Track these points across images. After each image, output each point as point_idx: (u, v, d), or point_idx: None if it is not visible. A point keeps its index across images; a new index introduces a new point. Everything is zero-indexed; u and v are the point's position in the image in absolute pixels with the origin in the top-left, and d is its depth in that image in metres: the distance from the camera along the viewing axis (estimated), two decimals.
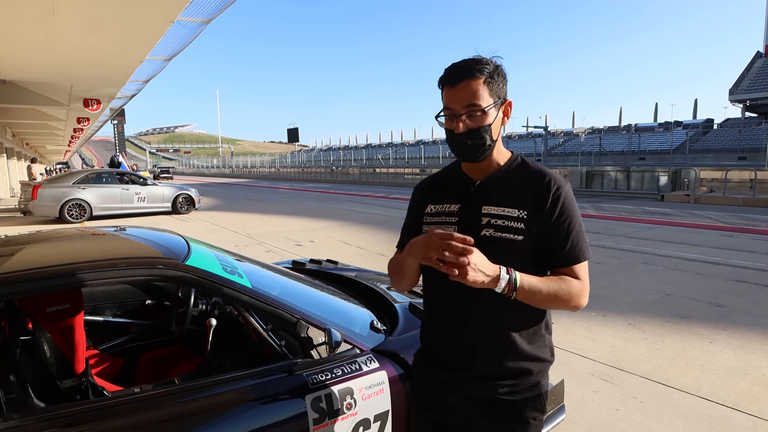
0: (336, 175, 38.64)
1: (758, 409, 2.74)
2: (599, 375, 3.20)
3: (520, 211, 1.16)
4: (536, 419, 1.23)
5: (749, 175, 17.12)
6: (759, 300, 4.77)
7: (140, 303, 2.63)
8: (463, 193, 1.24)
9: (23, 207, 12.11)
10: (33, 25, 6.74)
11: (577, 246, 1.17)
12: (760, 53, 40.34)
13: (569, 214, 1.17)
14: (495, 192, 1.20)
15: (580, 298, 1.16)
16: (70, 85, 11.47)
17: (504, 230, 1.15)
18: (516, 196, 1.18)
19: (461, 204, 1.23)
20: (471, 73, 1.12)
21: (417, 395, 1.39)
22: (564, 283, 1.14)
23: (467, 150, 1.17)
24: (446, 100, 1.15)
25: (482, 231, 1.17)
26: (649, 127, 42.86)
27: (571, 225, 1.17)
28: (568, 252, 1.16)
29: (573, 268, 1.17)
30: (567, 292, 1.13)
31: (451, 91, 1.13)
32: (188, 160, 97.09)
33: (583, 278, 1.17)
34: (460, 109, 1.13)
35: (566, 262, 1.17)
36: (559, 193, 1.16)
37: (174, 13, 6.35)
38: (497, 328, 1.20)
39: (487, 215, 1.18)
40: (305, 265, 2.99)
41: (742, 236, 8.61)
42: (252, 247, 8.05)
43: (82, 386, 1.79)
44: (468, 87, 1.12)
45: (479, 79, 1.11)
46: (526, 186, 1.18)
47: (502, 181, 1.21)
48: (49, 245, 1.99)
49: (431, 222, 1.27)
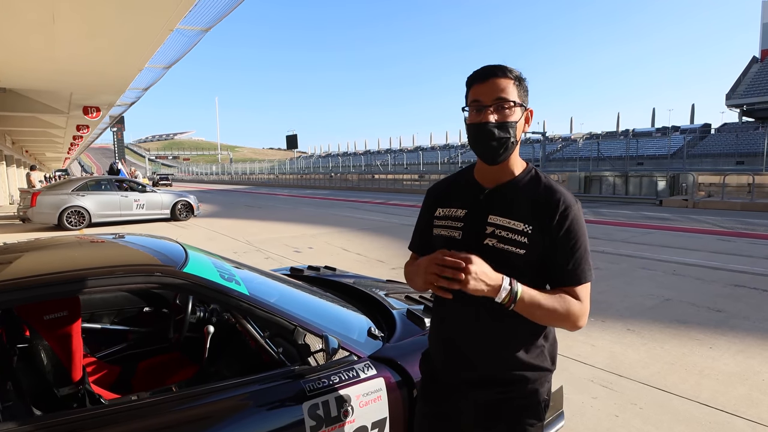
0: (335, 182, 38.69)
1: (758, 414, 2.73)
2: (598, 381, 3.19)
3: (525, 225, 1.16)
4: (533, 426, 1.23)
5: (747, 179, 17.15)
6: (758, 305, 4.77)
7: (138, 310, 2.63)
8: (472, 199, 1.25)
9: (22, 214, 12.09)
10: (32, 33, 6.77)
11: (579, 267, 1.16)
12: (756, 58, 40.59)
13: (575, 234, 1.16)
14: (503, 202, 1.20)
15: (578, 319, 1.15)
16: (70, 92, 11.50)
17: (507, 242, 1.16)
18: (524, 209, 1.18)
19: (468, 210, 1.24)
20: (502, 72, 1.15)
21: (422, 395, 1.40)
22: (564, 302, 1.14)
23: (491, 143, 1.16)
24: (474, 94, 1.16)
25: (485, 240, 1.18)
26: (647, 132, 42.98)
27: (576, 245, 1.16)
28: (570, 272, 1.16)
29: (574, 289, 1.16)
30: (565, 310, 1.13)
31: (480, 86, 1.16)
32: (187, 167, 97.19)
33: (583, 299, 1.16)
34: (488, 100, 1.14)
35: (568, 282, 1.17)
36: (567, 212, 1.16)
37: (173, 21, 6.39)
38: (496, 336, 1.21)
39: (492, 225, 1.18)
40: (303, 272, 2.99)
41: (741, 241, 8.61)
42: (251, 254, 8.04)
43: (79, 394, 1.79)
44: (498, 82, 1.15)
45: (509, 78, 1.15)
46: (535, 201, 1.18)
47: (512, 193, 1.21)
48: (47, 253, 1.99)
49: (439, 225, 1.29)
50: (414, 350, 1.81)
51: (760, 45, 40.71)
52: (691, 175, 17.20)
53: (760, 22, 40.36)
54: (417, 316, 2.10)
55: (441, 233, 1.28)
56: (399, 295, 2.56)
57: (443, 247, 1.26)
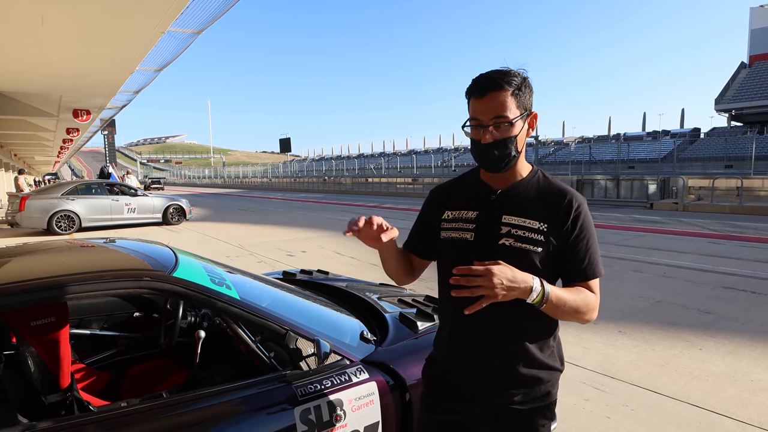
0: (328, 185, 38.62)
1: (747, 415, 2.76)
2: (590, 383, 3.21)
3: (540, 224, 1.17)
4: (545, 426, 1.25)
5: (736, 183, 17.36)
6: (747, 306, 4.82)
7: (128, 315, 2.60)
8: (483, 200, 1.25)
9: (11, 219, 11.95)
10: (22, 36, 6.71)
11: (594, 262, 1.21)
12: (745, 64, 41.23)
13: (587, 231, 1.20)
14: (516, 202, 1.21)
15: (594, 311, 1.20)
16: (60, 95, 11.38)
17: (524, 241, 1.17)
18: (537, 208, 1.19)
19: (479, 211, 1.24)
20: (499, 84, 1.13)
21: (427, 403, 1.36)
22: (585, 297, 1.18)
23: (492, 160, 1.18)
24: (473, 111, 1.16)
25: (501, 240, 1.18)
26: (638, 136, 43.44)
27: (590, 242, 1.21)
28: (585, 268, 1.20)
29: (588, 284, 1.21)
30: (586, 304, 1.17)
31: (478, 102, 1.15)
32: (180, 170, 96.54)
33: (597, 293, 1.22)
34: (487, 120, 1.14)
35: (583, 278, 1.21)
36: (580, 210, 1.19)
37: (164, 23, 6.35)
38: (512, 336, 1.21)
39: (507, 225, 1.19)
40: (296, 276, 2.98)
41: (730, 243, 8.71)
42: (243, 258, 8.00)
43: (67, 401, 1.77)
44: (496, 98, 1.13)
45: (507, 91, 1.13)
46: (547, 200, 1.20)
47: (524, 193, 1.22)
48: (35, 257, 1.97)
49: (448, 228, 1.28)
50: (406, 354, 1.81)
51: (748, 51, 41.39)
52: (681, 178, 17.38)
53: (748, 29, 41.02)
54: (410, 320, 2.09)
55: (451, 236, 1.27)
56: (392, 298, 2.55)
57: (453, 250, 1.25)
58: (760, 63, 39.80)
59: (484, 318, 1.18)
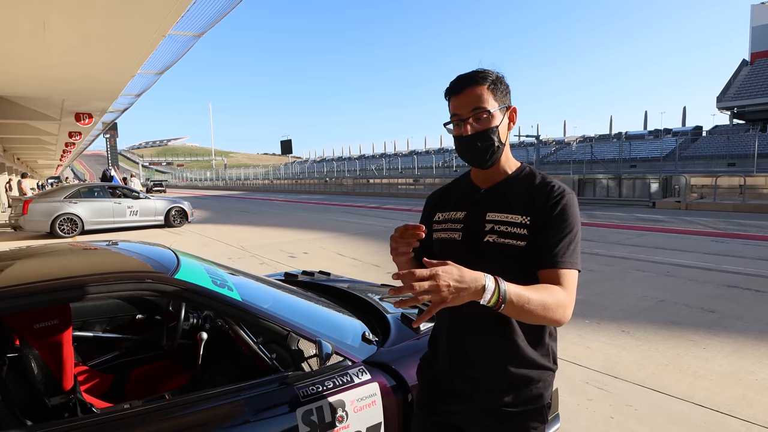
0: (330, 187, 38.65)
1: (752, 414, 2.74)
2: (593, 383, 3.20)
3: (523, 218, 1.16)
4: (537, 429, 1.23)
5: (738, 181, 17.32)
6: (750, 305, 4.80)
7: (131, 317, 2.61)
8: (469, 200, 1.26)
9: (14, 222, 11.99)
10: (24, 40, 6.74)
11: (567, 250, 1.11)
12: (746, 61, 41.11)
13: (567, 216, 1.13)
14: (500, 199, 1.21)
15: (566, 309, 1.07)
16: (62, 99, 11.43)
17: (507, 236, 1.16)
18: (520, 202, 1.18)
19: (467, 211, 1.25)
20: (474, 80, 1.16)
21: (421, 403, 1.36)
22: (551, 292, 1.06)
23: (476, 153, 1.18)
24: (453, 108, 1.18)
25: (485, 237, 1.18)
26: (640, 134, 43.32)
27: (567, 228, 1.12)
28: (557, 253, 1.10)
29: (558, 273, 1.09)
30: (555, 301, 1.05)
31: (457, 98, 1.17)
32: (181, 173, 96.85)
33: (568, 289, 1.09)
34: (466, 113, 1.16)
35: (553, 263, 1.10)
36: (561, 196, 1.15)
37: (166, 27, 6.37)
38: (507, 335, 1.18)
39: (490, 221, 1.19)
40: (298, 277, 2.98)
41: (733, 242, 8.68)
42: (245, 260, 8.01)
43: (70, 403, 1.77)
44: (473, 93, 1.15)
45: (483, 85, 1.16)
46: (531, 193, 1.18)
47: (508, 189, 1.22)
48: (37, 260, 1.97)
49: (439, 229, 1.30)
50: (408, 355, 1.81)
51: (749, 48, 41.25)
52: (683, 177, 17.34)
53: (750, 26, 40.91)
54: (411, 321, 2.09)
55: (441, 236, 1.29)
56: (393, 299, 2.55)
57: (443, 250, 1.26)
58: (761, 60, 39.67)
59: (478, 317, 1.17)
